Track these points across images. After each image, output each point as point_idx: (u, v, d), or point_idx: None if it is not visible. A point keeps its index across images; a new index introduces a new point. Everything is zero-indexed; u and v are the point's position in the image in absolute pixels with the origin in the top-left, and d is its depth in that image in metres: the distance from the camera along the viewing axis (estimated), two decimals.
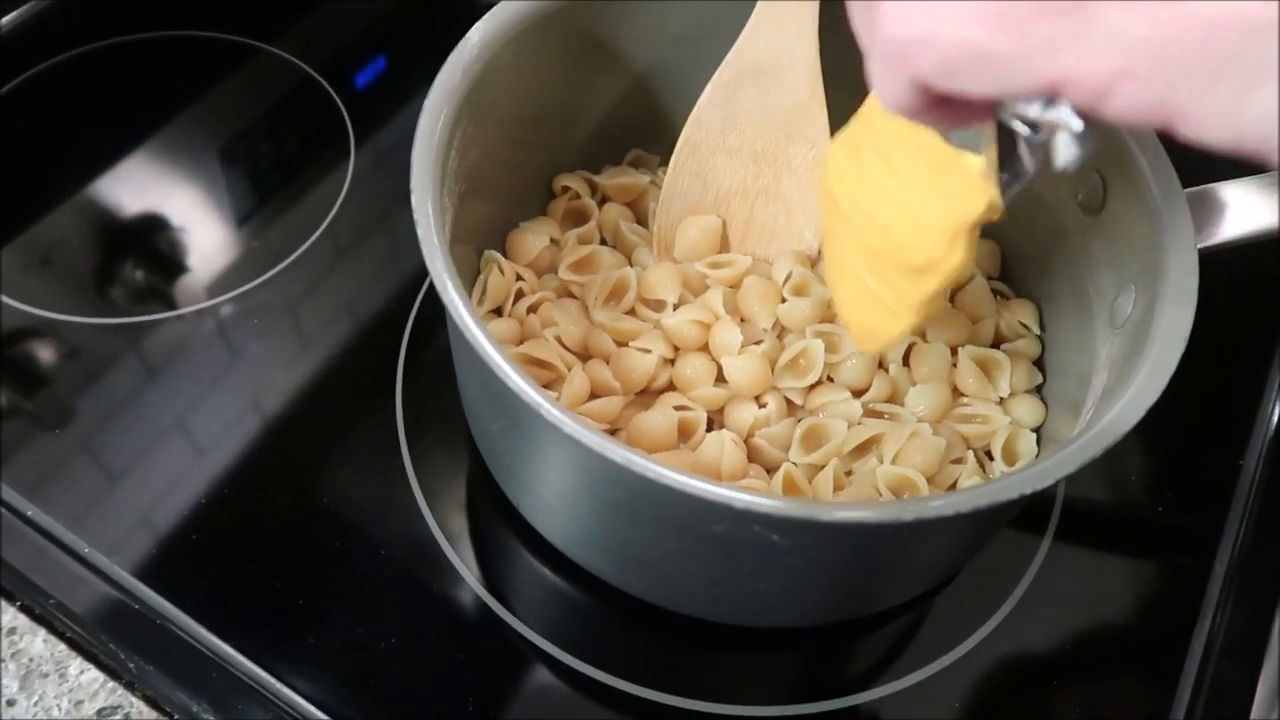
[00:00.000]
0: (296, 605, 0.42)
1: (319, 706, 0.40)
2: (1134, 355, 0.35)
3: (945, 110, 0.23)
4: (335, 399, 0.48)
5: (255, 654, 0.41)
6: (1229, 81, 0.17)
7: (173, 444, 0.46)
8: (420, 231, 0.34)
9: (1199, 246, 0.37)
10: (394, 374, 0.49)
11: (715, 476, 0.41)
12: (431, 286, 0.51)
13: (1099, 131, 0.23)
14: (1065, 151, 0.23)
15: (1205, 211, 0.38)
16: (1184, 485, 0.48)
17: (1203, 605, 0.45)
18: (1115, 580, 0.46)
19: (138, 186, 0.56)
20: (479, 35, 0.40)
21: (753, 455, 0.43)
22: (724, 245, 0.48)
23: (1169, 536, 0.47)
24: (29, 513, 0.44)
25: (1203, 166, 0.37)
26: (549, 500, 0.40)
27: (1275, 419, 0.50)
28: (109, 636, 0.41)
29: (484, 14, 0.40)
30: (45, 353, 0.50)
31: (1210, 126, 0.18)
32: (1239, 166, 0.26)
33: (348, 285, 0.52)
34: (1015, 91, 0.20)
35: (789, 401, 0.44)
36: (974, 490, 0.31)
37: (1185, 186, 0.38)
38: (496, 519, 0.45)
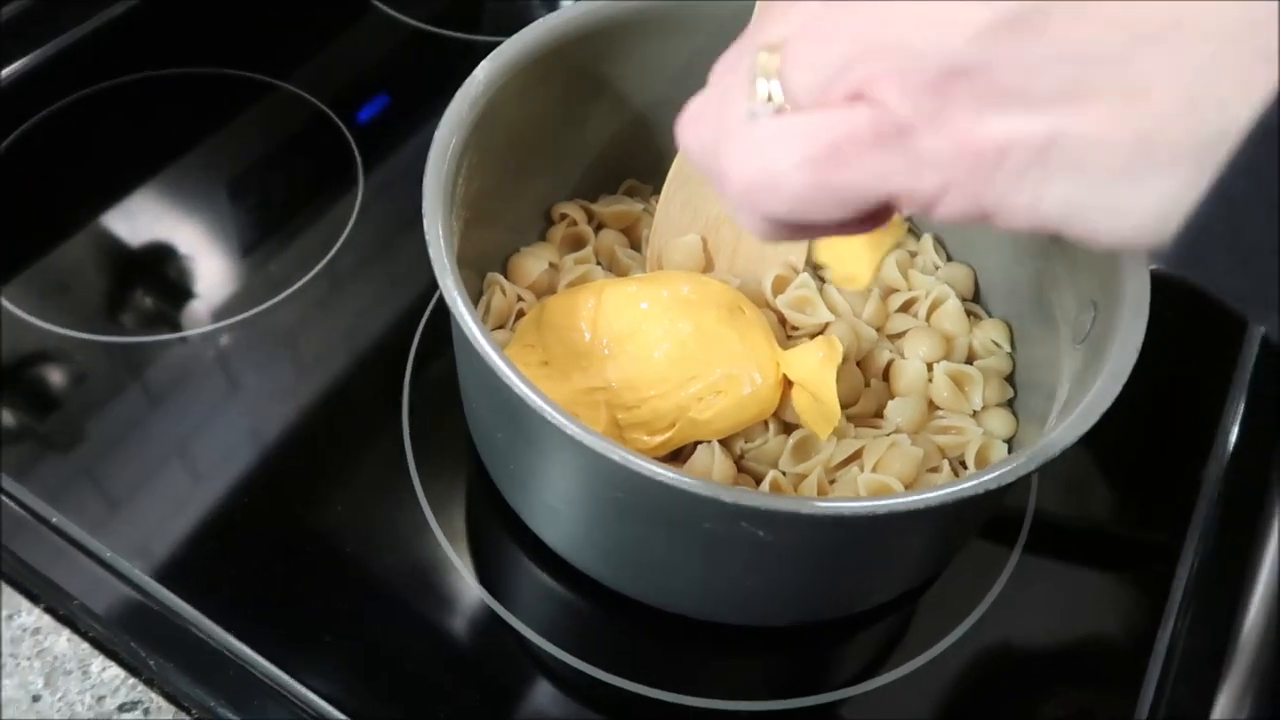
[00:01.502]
0: (310, 608, 0.45)
1: (332, 703, 0.42)
2: (1092, 367, 0.38)
3: (811, 230, 0.25)
4: (344, 418, 0.51)
5: (271, 653, 0.43)
6: (1024, 186, 0.21)
7: (191, 454, 0.49)
8: (431, 251, 0.37)
9: (1154, 266, 0.40)
10: (400, 395, 0.51)
11: None
12: (433, 313, 0.54)
13: None
14: None
15: None
16: (1147, 496, 0.51)
17: (1164, 613, 0.47)
18: (1081, 589, 0.48)
19: (149, 217, 0.58)
20: (484, 73, 0.43)
21: (742, 468, 0.45)
22: (708, 264, 0.50)
23: (1133, 546, 0.50)
24: (54, 520, 0.46)
25: None
26: (550, 504, 0.42)
27: (1234, 433, 0.53)
28: (130, 636, 0.43)
29: (484, 53, 0.43)
30: (61, 371, 0.52)
31: (1017, 219, 0.22)
32: None
33: (352, 313, 0.55)
34: (861, 211, 0.23)
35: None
36: (940, 487, 0.33)
37: None
38: (498, 528, 0.47)
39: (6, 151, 0.60)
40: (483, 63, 0.43)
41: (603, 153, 0.52)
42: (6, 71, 0.64)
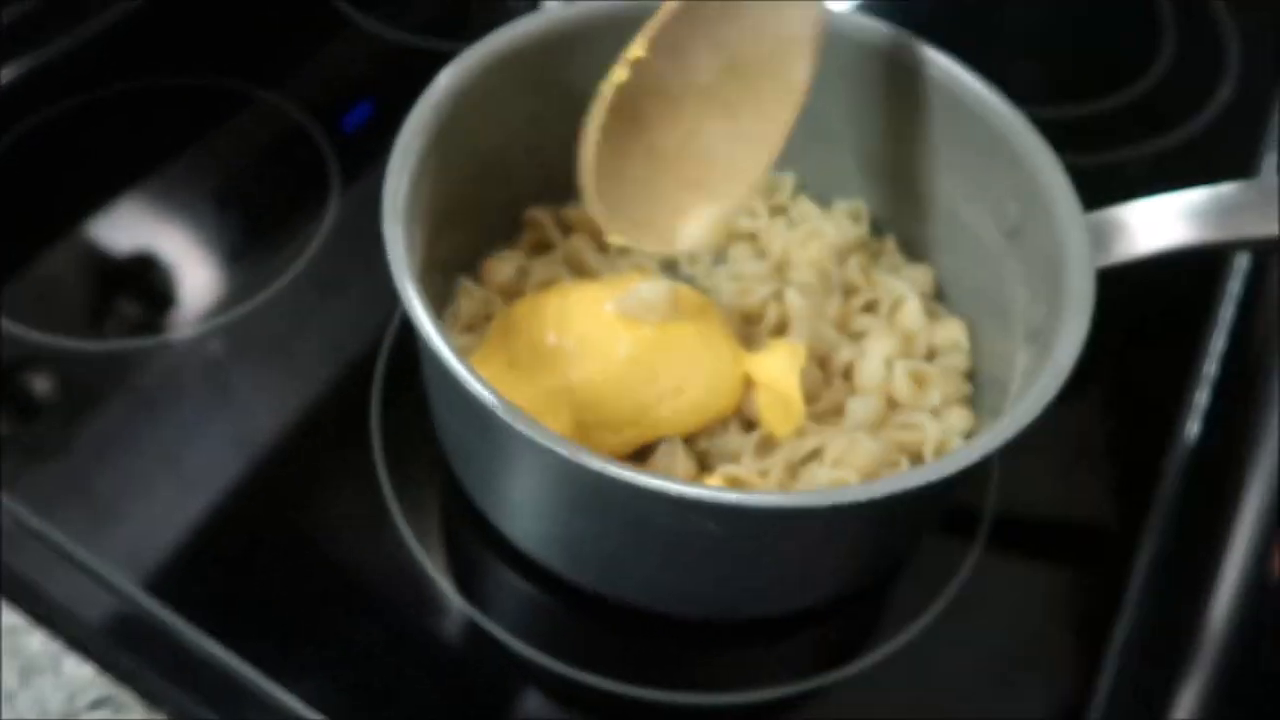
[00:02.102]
0: (287, 612, 0.45)
1: (310, 704, 0.43)
2: (1040, 363, 0.39)
3: None
4: (313, 426, 0.51)
5: (249, 655, 0.44)
6: None
7: (173, 465, 0.50)
8: (389, 252, 0.38)
9: (1107, 264, 0.41)
10: (368, 401, 0.52)
11: None
12: (406, 317, 0.55)
13: None
14: None
15: (1109, 232, 0.42)
16: (1105, 488, 0.52)
17: (1122, 606, 0.48)
18: (1041, 582, 0.49)
19: (132, 226, 0.59)
20: (446, 78, 0.44)
21: (705, 465, 0.46)
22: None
23: (1090, 540, 0.51)
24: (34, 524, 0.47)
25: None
26: (514, 501, 0.43)
27: (1196, 427, 0.54)
28: (103, 635, 0.44)
29: None
30: (45, 377, 0.53)
31: None
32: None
33: (324, 319, 0.56)
34: None
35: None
36: (884, 481, 0.34)
37: (1091, 209, 0.42)
38: (469, 529, 0.48)
39: None
40: (445, 68, 0.44)
41: (571, 155, 0.53)
42: None
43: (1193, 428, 0.54)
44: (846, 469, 0.44)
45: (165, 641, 0.44)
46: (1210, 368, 0.56)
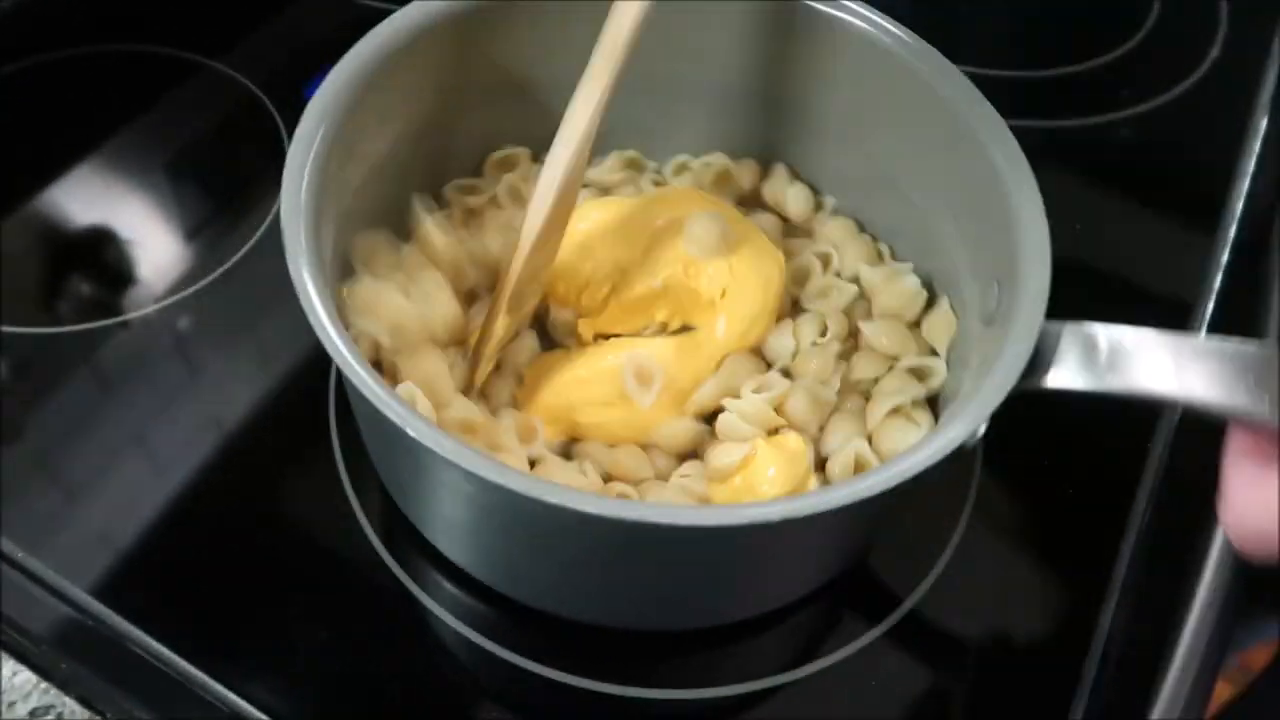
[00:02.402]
0: (235, 608, 0.44)
1: (257, 705, 0.42)
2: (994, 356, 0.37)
3: None
4: (269, 411, 0.50)
5: (198, 657, 0.43)
6: None
7: (133, 454, 0.49)
8: (287, 246, 0.36)
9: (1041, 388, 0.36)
10: (328, 387, 0.51)
11: None
12: None
13: None
14: None
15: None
16: (1088, 483, 0.50)
17: (1104, 602, 0.46)
18: (1020, 578, 0.48)
19: (84, 199, 0.58)
20: (348, 62, 0.42)
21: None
22: None
23: (1072, 536, 0.49)
24: None
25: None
26: (435, 514, 0.42)
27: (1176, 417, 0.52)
28: (41, 639, 0.43)
29: None
30: None
31: None
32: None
33: (285, 290, 0.54)
34: None
35: None
36: (782, 501, 0.33)
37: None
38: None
39: None
40: (348, 54, 0.42)
41: (484, 128, 0.51)
42: None
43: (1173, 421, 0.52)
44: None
45: (110, 647, 0.43)
46: None
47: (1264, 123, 0.64)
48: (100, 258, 0.56)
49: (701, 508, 0.39)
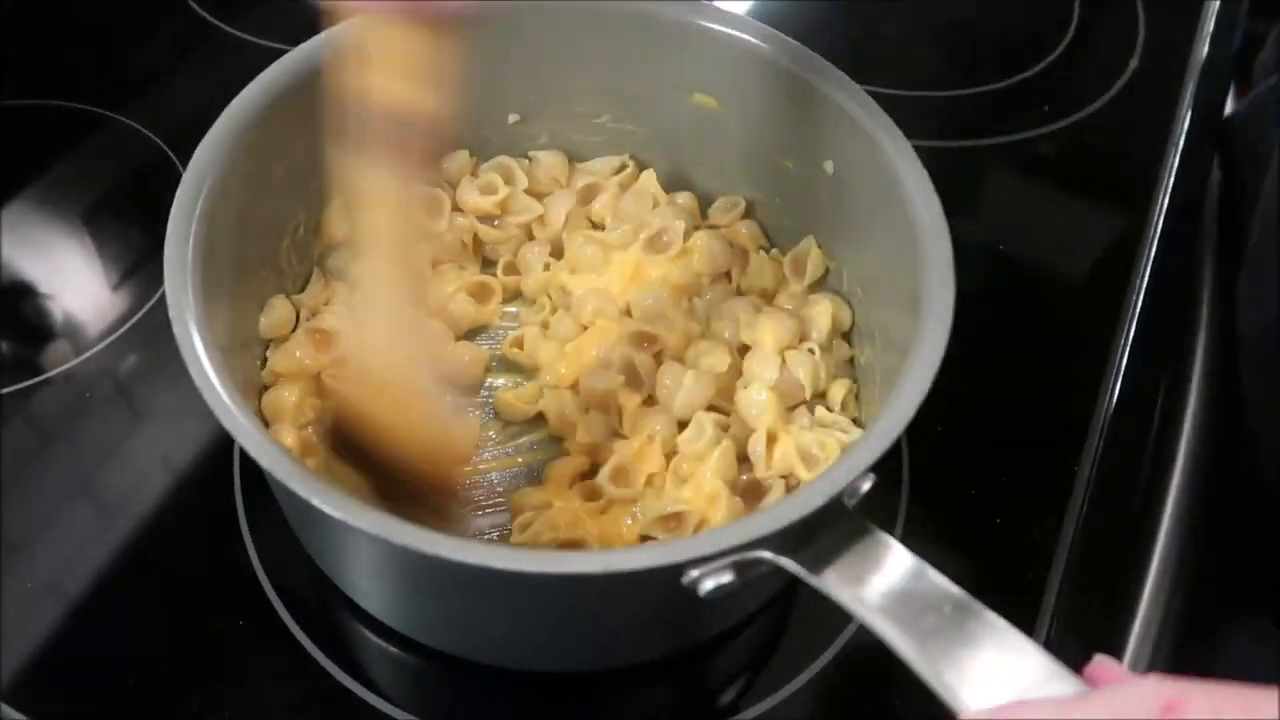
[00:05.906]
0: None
1: None
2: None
3: None
4: (171, 467, 0.48)
5: None
6: None
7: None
8: (171, 310, 0.36)
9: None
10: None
11: None
12: None
13: None
14: None
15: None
16: (1021, 487, 0.49)
17: (1048, 580, 0.46)
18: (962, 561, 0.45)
19: None
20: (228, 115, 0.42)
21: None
22: None
23: (1007, 542, 0.48)
24: None
25: None
26: (338, 558, 0.41)
27: (1109, 409, 0.52)
28: None
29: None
30: None
31: None
32: None
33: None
34: None
35: None
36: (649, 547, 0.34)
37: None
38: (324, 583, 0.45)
39: None
40: (229, 105, 0.42)
41: None
42: None
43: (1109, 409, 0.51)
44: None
45: None
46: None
47: (1185, 127, 0.64)
48: (20, 315, 0.55)
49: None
